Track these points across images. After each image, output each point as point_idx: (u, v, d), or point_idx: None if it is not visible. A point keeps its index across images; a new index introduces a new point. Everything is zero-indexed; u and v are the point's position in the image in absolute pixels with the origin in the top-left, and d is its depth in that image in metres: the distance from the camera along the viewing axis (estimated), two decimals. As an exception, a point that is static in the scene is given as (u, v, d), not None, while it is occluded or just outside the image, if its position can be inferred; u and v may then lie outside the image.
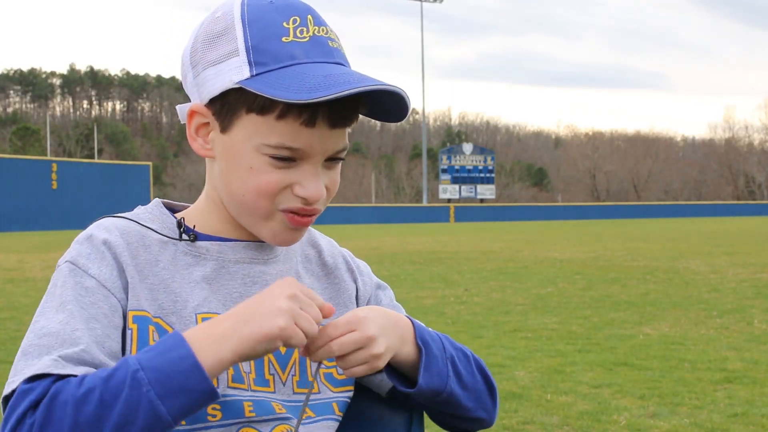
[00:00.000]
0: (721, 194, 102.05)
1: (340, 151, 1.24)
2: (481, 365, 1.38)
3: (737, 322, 8.28)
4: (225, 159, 1.24)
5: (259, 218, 1.24)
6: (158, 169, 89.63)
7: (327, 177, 1.25)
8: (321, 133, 1.19)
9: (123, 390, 1.03)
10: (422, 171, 76.84)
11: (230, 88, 1.19)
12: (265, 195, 1.21)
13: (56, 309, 1.16)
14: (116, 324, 1.18)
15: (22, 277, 13.70)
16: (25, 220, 41.31)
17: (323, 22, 1.22)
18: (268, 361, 1.27)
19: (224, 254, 1.28)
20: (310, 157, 1.21)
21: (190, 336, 1.08)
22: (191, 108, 1.25)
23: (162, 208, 1.32)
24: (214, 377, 1.08)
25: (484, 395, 1.36)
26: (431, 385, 1.26)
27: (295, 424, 1.22)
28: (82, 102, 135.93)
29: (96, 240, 1.23)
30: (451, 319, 8.77)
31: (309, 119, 1.17)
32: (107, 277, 1.20)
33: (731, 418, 4.78)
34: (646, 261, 16.51)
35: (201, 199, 1.34)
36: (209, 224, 1.30)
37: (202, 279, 1.26)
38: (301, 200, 1.22)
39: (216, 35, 1.21)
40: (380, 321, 1.22)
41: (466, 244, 24.26)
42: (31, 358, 1.11)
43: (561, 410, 4.98)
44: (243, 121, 1.20)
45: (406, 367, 1.27)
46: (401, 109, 1.23)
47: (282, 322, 1.08)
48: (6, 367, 6.31)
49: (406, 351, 1.25)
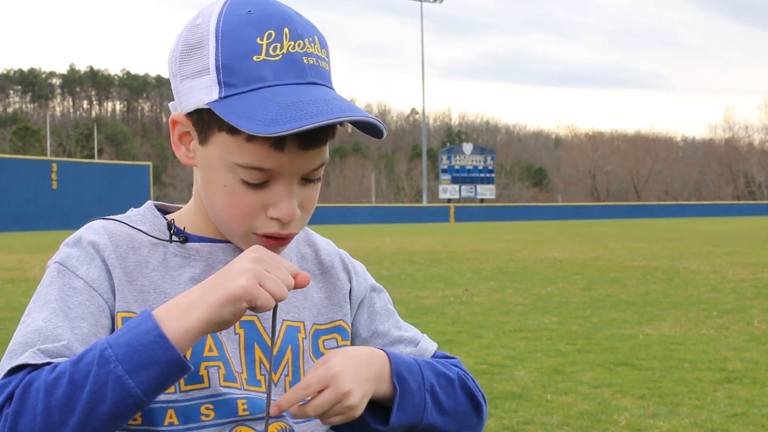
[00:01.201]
0: (721, 194, 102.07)
1: (316, 169, 1.23)
2: (466, 384, 1.34)
3: (737, 322, 8.28)
4: (204, 171, 1.24)
5: (236, 237, 1.25)
6: (158, 169, 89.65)
7: (303, 195, 1.23)
8: (292, 155, 1.17)
9: (92, 369, 1.03)
10: (422, 171, 76.87)
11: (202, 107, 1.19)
12: (238, 218, 1.21)
13: (41, 308, 1.17)
14: (103, 324, 1.19)
15: (22, 277, 13.70)
16: (25, 220, 41.32)
17: (301, 34, 1.19)
18: (259, 362, 1.27)
19: (214, 255, 1.29)
20: (283, 177, 1.19)
21: (158, 310, 1.08)
22: (173, 117, 1.26)
23: (153, 210, 1.33)
24: (185, 349, 1.07)
25: (468, 415, 1.34)
26: (404, 422, 1.24)
27: (264, 417, 1.21)
28: (82, 102, 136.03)
29: (84, 242, 1.23)
30: (451, 319, 8.77)
31: (277, 143, 1.16)
32: (95, 278, 1.20)
33: (731, 418, 4.78)
34: (646, 261, 16.51)
35: (191, 202, 1.34)
36: (199, 226, 1.31)
37: (190, 280, 1.26)
38: (276, 223, 1.21)
39: (192, 47, 1.21)
40: (354, 369, 1.19)
41: (466, 244, 24.26)
42: (14, 356, 1.12)
43: (561, 410, 4.98)
44: (216, 137, 1.19)
45: (383, 401, 1.25)
46: (376, 131, 1.21)
47: (244, 281, 1.07)
48: (6, 367, 6.33)
49: (382, 389, 1.23)
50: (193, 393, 1.20)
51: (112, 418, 1.04)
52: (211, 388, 1.21)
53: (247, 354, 1.26)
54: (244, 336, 1.27)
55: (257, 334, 1.28)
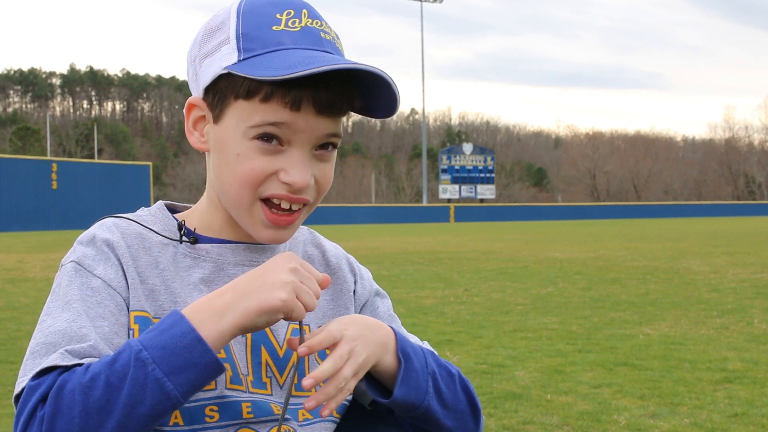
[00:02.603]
0: (721, 194, 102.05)
1: (331, 136, 1.23)
2: (466, 385, 1.35)
3: (737, 322, 8.28)
4: (217, 150, 1.25)
5: (244, 211, 1.24)
6: (158, 169, 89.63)
7: (317, 169, 1.24)
8: (306, 117, 1.19)
9: (128, 371, 1.03)
10: (422, 171, 76.84)
11: (221, 75, 1.20)
12: (249, 183, 1.21)
13: (62, 308, 1.17)
14: (123, 322, 1.19)
15: (22, 277, 13.70)
16: (25, 220, 41.31)
17: (319, 16, 1.24)
18: (266, 364, 1.27)
19: (223, 256, 1.29)
20: (297, 142, 1.20)
21: (189, 312, 1.08)
22: (189, 102, 1.27)
23: (164, 211, 1.33)
24: (218, 351, 1.08)
25: (466, 416, 1.34)
26: (407, 399, 1.24)
27: (279, 417, 1.22)
28: (82, 102, 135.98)
29: (99, 240, 1.23)
30: (451, 319, 8.77)
31: (293, 102, 1.17)
32: (112, 276, 1.21)
33: (731, 418, 4.78)
34: (646, 261, 16.51)
35: (202, 200, 1.34)
36: (210, 226, 1.31)
37: (200, 281, 1.26)
38: (286, 187, 1.21)
39: (213, 29, 1.24)
40: (360, 332, 1.20)
41: (466, 244, 24.26)
42: (38, 356, 1.11)
43: (561, 410, 4.98)
44: (232, 108, 1.21)
45: (386, 377, 1.25)
46: (391, 102, 1.22)
47: (284, 294, 1.09)
48: (6, 366, 6.31)
49: (386, 361, 1.24)
50: (199, 394, 1.20)
51: (150, 419, 1.04)
52: (217, 390, 1.21)
53: (253, 356, 1.26)
54: (251, 338, 1.27)
55: (264, 336, 1.28)
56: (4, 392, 5.46)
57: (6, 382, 5.73)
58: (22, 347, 6.50)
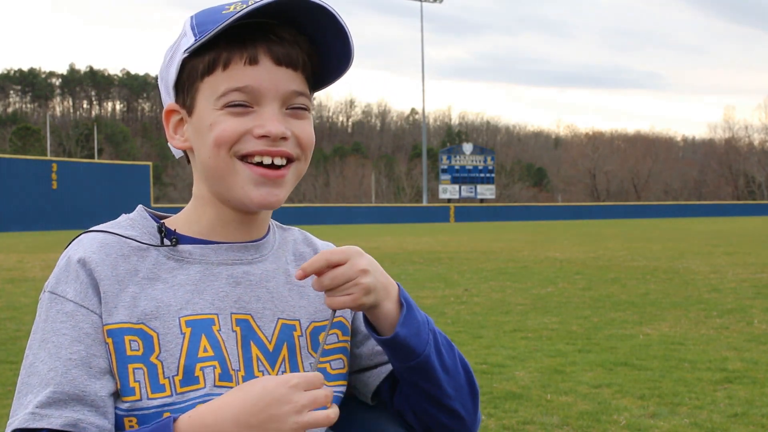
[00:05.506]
0: (721, 194, 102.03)
1: (298, 95, 1.27)
2: (465, 364, 1.38)
3: (737, 322, 8.28)
4: (195, 139, 1.28)
5: (228, 175, 1.26)
6: (158, 169, 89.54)
7: (294, 125, 1.27)
8: (267, 70, 1.23)
9: None
10: (422, 171, 76.81)
11: (183, 65, 1.26)
12: (223, 143, 1.24)
13: (39, 345, 1.22)
14: (100, 339, 1.22)
15: (22, 277, 13.70)
16: (25, 220, 41.29)
17: None
18: (257, 359, 1.28)
19: (207, 257, 1.30)
20: (265, 100, 1.24)
21: (184, 425, 1.12)
22: (165, 110, 1.32)
23: (144, 214, 1.35)
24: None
25: (464, 392, 1.36)
26: (408, 341, 1.28)
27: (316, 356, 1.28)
28: (82, 102, 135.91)
29: (72, 262, 1.26)
30: (451, 319, 8.77)
31: (251, 58, 1.22)
32: (83, 297, 1.23)
33: (731, 418, 4.78)
34: (646, 261, 16.51)
35: (189, 204, 1.37)
36: (194, 227, 1.33)
37: (185, 282, 1.27)
38: (264, 141, 1.24)
39: (174, 42, 1.32)
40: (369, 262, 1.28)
41: (466, 244, 24.26)
42: (21, 396, 1.19)
43: (561, 410, 4.98)
44: (201, 92, 1.26)
45: (385, 324, 1.29)
46: (345, 45, 1.27)
47: (301, 418, 1.12)
48: (6, 366, 6.31)
49: (388, 306, 1.28)
50: (188, 394, 1.21)
51: None
52: (206, 389, 1.22)
53: (244, 351, 1.27)
54: (241, 334, 1.28)
55: (252, 332, 1.29)
56: (4, 392, 5.46)
57: (6, 382, 5.73)
58: (22, 347, 6.49)
